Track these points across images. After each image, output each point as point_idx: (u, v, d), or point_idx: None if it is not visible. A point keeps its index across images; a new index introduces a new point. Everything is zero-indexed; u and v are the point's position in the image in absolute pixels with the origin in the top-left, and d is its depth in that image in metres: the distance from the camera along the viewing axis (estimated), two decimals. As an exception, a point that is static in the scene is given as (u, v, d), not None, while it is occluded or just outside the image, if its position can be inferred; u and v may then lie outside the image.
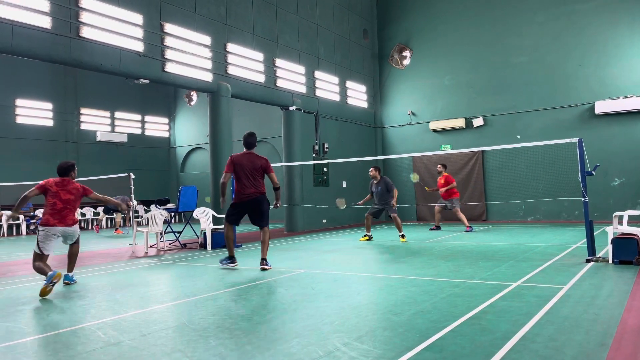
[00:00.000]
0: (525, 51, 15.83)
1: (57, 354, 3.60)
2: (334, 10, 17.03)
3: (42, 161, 19.20)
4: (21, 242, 14.21)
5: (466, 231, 12.41)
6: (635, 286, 5.21)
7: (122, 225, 16.97)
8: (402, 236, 10.88)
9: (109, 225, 20.11)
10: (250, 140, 7.47)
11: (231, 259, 7.54)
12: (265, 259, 7.31)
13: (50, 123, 19.86)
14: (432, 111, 17.56)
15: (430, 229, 13.47)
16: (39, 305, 5.26)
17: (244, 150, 7.44)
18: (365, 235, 11.29)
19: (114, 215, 17.82)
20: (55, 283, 5.67)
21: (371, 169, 11.42)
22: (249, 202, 7.29)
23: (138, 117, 23.38)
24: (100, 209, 19.61)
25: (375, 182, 11.33)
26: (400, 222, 11.27)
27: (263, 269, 7.14)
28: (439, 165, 13.47)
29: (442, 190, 13.11)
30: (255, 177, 7.29)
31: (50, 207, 6.32)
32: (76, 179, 6.71)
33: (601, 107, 14.34)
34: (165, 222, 10.69)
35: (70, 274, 6.59)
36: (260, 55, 13.67)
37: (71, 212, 6.43)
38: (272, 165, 7.64)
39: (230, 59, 12.75)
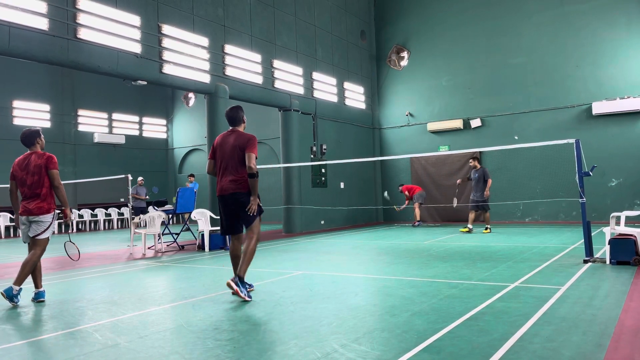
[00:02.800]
0: (523, 52, 15.86)
1: (54, 356, 3.59)
2: (332, 11, 17.04)
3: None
4: (18, 244, 14.17)
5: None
6: (633, 287, 5.22)
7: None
8: (467, 229, 12.35)
9: (106, 227, 20.08)
10: (231, 115, 5.74)
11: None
12: (241, 279, 5.24)
13: (47, 124, 19.82)
14: (429, 112, 17.58)
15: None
16: (36, 308, 5.24)
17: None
18: (466, 227, 12.56)
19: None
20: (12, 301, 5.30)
21: (470, 160, 13.10)
22: (224, 200, 5.51)
23: (136, 118, 23.36)
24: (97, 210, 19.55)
25: (474, 170, 12.76)
26: (473, 216, 12.59)
27: (234, 294, 5.21)
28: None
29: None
30: (233, 164, 5.45)
31: (22, 196, 5.60)
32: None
33: (598, 107, 14.37)
34: (163, 223, 10.67)
35: (40, 290, 5.63)
36: (257, 57, 13.67)
37: (37, 198, 5.47)
38: (270, 165, 7.33)
39: (228, 60, 12.75)
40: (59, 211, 5.90)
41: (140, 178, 16.06)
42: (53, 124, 20.00)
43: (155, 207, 12.11)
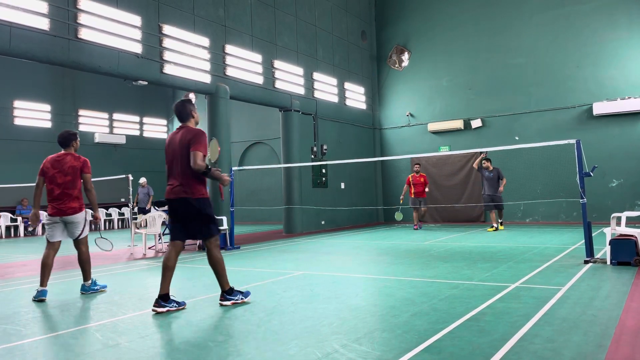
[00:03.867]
0: (524, 52, 15.86)
1: (55, 356, 3.59)
2: (332, 11, 17.05)
3: (40, 163, 19.13)
4: (19, 244, 14.18)
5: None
6: (634, 287, 5.22)
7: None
8: (494, 228, 12.88)
9: (107, 227, 20.08)
10: (178, 109, 5.14)
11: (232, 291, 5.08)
12: (226, 291, 4.96)
13: (48, 124, 19.83)
14: (430, 112, 17.58)
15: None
16: (37, 308, 5.25)
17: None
18: (492, 227, 13.01)
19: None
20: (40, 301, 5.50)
21: (484, 161, 13.20)
22: (171, 204, 4.98)
23: (136, 118, 23.36)
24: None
25: (487, 170, 13.15)
26: (495, 216, 13.03)
27: (221, 305, 4.97)
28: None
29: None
30: (179, 165, 4.88)
31: (48, 194, 5.80)
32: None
33: (599, 108, 14.37)
34: (163, 223, 10.67)
35: (88, 283, 5.98)
36: (258, 57, 13.67)
37: (69, 198, 5.73)
38: (271, 166, 7.14)
39: (229, 60, 12.75)
40: (90, 210, 6.15)
41: (142, 180, 16.08)
42: (54, 124, 20.00)
43: (156, 207, 12.12)
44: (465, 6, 16.97)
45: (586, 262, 6.92)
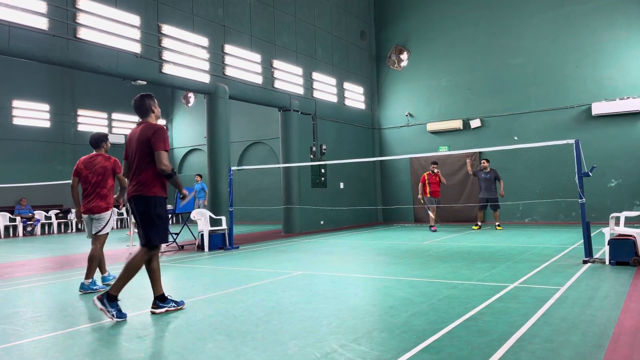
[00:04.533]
0: (523, 53, 15.87)
1: (53, 356, 3.59)
2: (332, 11, 17.05)
3: (39, 163, 19.18)
4: (18, 244, 14.16)
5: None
6: (632, 287, 5.22)
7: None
8: (478, 226, 13.46)
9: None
10: (136, 104, 4.94)
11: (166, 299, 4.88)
12: (109, 295, 4.52)
13: (47, 124, 19.82)
14: (429, 112, 17.59)
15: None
16: (36, 307, 5.24)
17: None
18: (476, 225, 13.67)
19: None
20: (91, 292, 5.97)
21: (483, 161, 13.53)
22: (130, 204, 4.81)
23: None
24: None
25: (485, 171, 13.33)
26: (483, 215, 13.49)
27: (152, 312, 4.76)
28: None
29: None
30: (137, 162, 4.72)
31: (83, 193, 6.15)
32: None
33: (598, 108, 14.38)
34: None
35: (88, 281, 6.10)
36: (257, 57, 13.67)
37: (98, 197, 6.03)
38: (270, 165, 7.03)
39: (228, 60, 12.75)
40: (117, 209, 6.56)
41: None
42: (53, 123, 19.99)
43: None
44: (465, 7, 16.97)
45: (585, 262, 6.92)
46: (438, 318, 4.18)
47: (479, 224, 13.73)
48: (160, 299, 4.81)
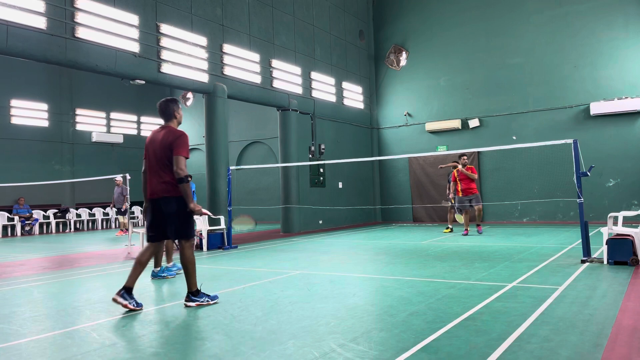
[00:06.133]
0: (521, 52, 15.88)
1: (51, 356, 3.58)
2: (330, 11, 17.04)
3: (37, 162, 19.14)
4: (16, 244, 14.15)
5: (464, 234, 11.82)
6: (630, 287, 5.23)
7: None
8: (449, 229, 12.56)
9: (104, 226, 20.05)
10: (161, 108, 5.14)
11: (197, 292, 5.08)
12: (192, 292, 4.97)
13: (45, 124, 19.78)
14: (428, 112, 17.60)
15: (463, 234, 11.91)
16: (34, 307, 5.24)
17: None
18: (448, 228, 12.83)
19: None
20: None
21: (463, 158, 12.20)
22: (152, 203, 5.00)
23: (134, 117, 23.32)
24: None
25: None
26: (454, 217, 12.64)
27: (187, 307, 4.95)
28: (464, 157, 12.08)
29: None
30: (159, 164, 4.91)
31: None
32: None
33: (596, 108, 14.40)
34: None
35: (166, 266, 6.71)
36: (256, 56, 13.66)
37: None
38: (269, 165, 7.12)
39: (226, 59, 12.74)
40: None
41: (118, 178, 15.45)
42: (51, 123, 19.95)
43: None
44: (463, 6, 16.98)
45: (583, 261, 6.93)
46: (436, 317, 4.19)
47: (450, 227, 12.79)
48: (194, 293, 5.01)
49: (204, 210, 5.15)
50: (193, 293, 4.97)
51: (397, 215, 18.01)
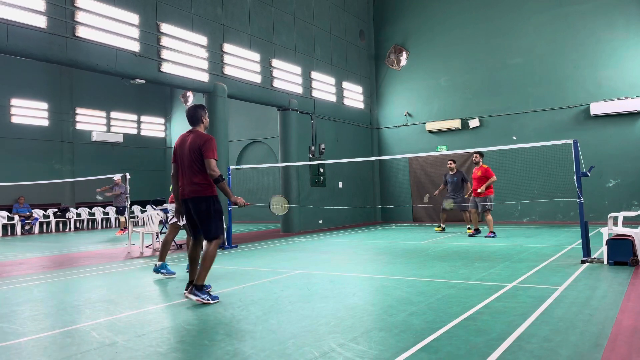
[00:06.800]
0: (521, 52, 15.88)
1: (51, 355, 3.58)
2: (331, 11, 17.04)
3: (38, 161, 19.14)
4: (16, 243, 14.15)
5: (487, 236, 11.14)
6: (630, 287, 5.23)
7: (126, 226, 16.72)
8: (469, 229, 12.19)
9: (104, 225, 20.05)
10: (190, 114, 5.41)
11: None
12: (197, 286, 5.06)
13: (45, 123, 19.78)
14: (428, 112, 17.59)
15: (470, 235, 11.59)
16: (34, 306, 5.24)
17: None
18: (439, 226, 12.93)
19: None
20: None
21: (449, 162, 12.68)
22: (185, 204, 5.27)
23: (134, 117, 23.32)
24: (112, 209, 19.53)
25: (451, 173, 12.59)
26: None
27: (187, 297, 5.16)
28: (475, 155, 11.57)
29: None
30: (189, 167, 5.17)
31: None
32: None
33: (596, 108, 14.40)
34: (161, 222, 10.66)
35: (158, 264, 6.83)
36: (256, 56, 13.66)
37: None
38: (269, 165, 7.13)
39: (227, 59, 12.73)
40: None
41: (117, 177, 15.50)
42: (51, 122, 19.95)
43: (154, 206, 12.09)
44: (464, 6, 16.97)
45: (583, 262, 6.93)
46: (436, 317, 4.19)
47: (442, 226, 12.95)
48: (197, 287, 5.11)
49: (246, 202, 5.36)
50: (198, 287, 5.06)
51: (397, 215, 18.01)
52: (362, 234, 13.23)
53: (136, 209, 20.24)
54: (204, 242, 5.27)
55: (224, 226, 5.71)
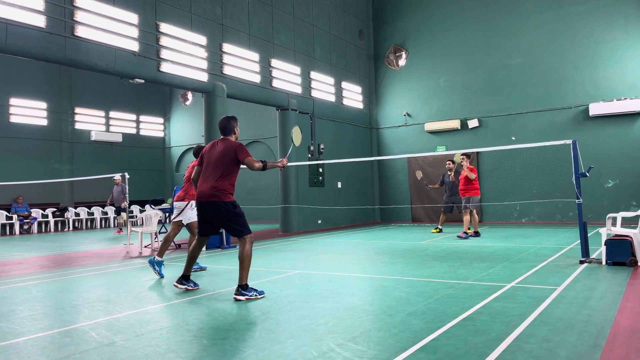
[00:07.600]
0: (521, 53, 15.89)
1: (50, 354, 3.58)
2: (330, 11, 17.04)
3: (37, 161, 19.12)
4: (14, 242, 14.13)
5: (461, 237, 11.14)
6: (629, 287, 5.24)
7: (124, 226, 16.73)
8: (438, 229, 12.52)
9: (103, 225, 20.03)
10: (223, 124, 5.71)
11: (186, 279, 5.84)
12: (241, 286, 5.22)
13: (44, 122, 19.76)
14: (427, 112, 17.60)
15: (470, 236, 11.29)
16: (32, 306, 5.23)
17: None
18: (436, 228, 12.81)
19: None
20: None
21: (448, 162, 12.48)
22: (201, 205, 5.46)
23: (133, 116, 23.30)
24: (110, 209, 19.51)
25: (449, 173, 12.39)
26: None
27: (236, 299, 5.18)
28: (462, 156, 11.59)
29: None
30: (215, 172, 5.42)
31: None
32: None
33: (595, 109, 14.41)
34: (159, 222, 10.65)
35: (157, 259, 6.84)
36: (255, 56, 13.65)
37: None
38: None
39: (226, 59, 12.73)
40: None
41: (117, 177, 15.54)
42: (50, 122, 19.93)
43: (152, 206, 12.09)
44: (463, 6, 16.98)
45: (582, 262, 6.94)
46: (435, 317, 4.19)
47: (440, 227, 12.70)
48: (184, 278, 5.77)
49: (285, 161, 5.91)
50: (243, 287, 5.21)
51: (396, 215, 18.01)
52: (361, 234, 13.23)
53: (135, 208, 20.23)
54: (238, 245, 5.58)
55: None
